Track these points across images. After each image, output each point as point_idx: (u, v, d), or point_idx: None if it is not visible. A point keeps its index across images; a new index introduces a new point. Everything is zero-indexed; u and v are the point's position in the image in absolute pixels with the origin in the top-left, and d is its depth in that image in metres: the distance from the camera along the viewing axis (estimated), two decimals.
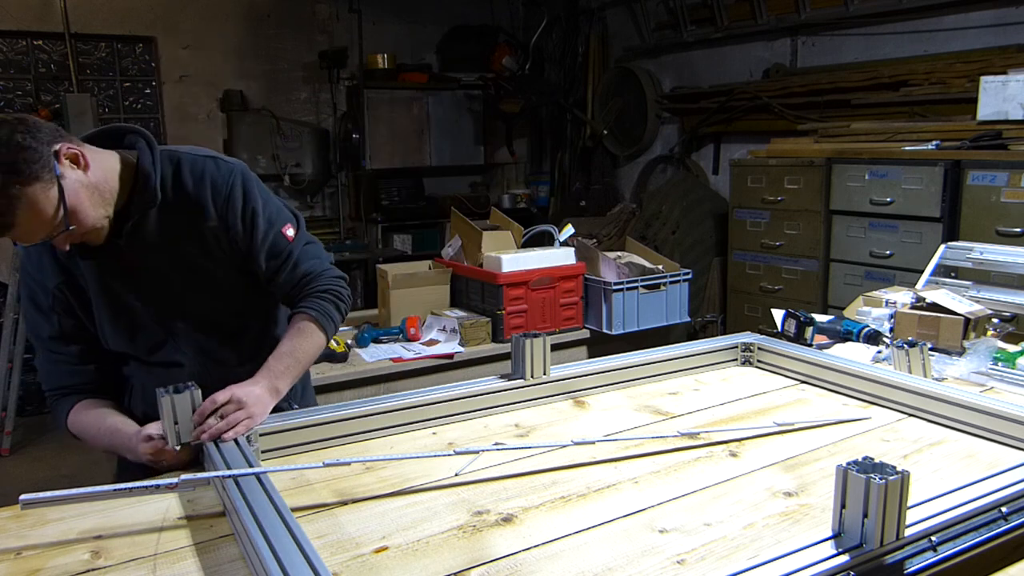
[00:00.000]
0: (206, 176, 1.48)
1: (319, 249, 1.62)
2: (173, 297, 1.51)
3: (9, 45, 5.18)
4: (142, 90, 5.65)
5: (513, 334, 1.66)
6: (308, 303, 1.54)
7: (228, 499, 1.10)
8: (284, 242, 1.55)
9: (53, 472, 3.95)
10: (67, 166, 1.31)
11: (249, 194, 1.51)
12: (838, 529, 0.94)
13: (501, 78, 6.38)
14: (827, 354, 1.80)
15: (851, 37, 4.48)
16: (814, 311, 2.46)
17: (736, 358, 1.88)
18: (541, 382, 1.61)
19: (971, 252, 2.38)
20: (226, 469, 1.17)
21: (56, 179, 1.27)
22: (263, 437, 1.35)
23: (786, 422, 1.45)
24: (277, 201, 1.58)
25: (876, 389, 1.57)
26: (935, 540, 0.97)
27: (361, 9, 5.82)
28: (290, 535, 0.95)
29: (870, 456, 0.94)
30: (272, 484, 1.11)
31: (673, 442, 1.38)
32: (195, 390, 1.31)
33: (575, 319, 3.09)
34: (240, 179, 1.50)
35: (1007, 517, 1.04)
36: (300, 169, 5.95)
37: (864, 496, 0.90)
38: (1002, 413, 1.36)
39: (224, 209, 1.49)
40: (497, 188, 6.92)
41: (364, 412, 1.43)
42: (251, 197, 1.51)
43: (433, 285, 3.07)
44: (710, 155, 5.42)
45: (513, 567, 0.99)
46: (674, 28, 5.54)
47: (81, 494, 1.09)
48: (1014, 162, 3.10)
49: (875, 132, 3.83)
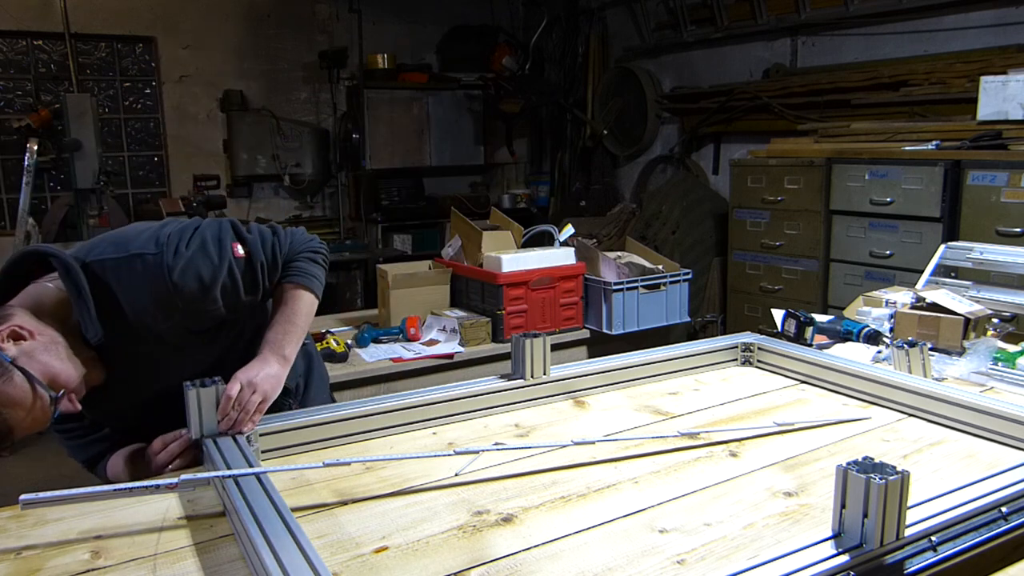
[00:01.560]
0: (136, 285, 1.34)
1: (273, 231, 1.52)
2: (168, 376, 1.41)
3: (9, 45, 5.18)
4: (142, 90, 5.66)
5: (513, 334, 1.66)
6: (285, 273, 1.50)
7: (228, 499, 1.10)
8: (243, 263, 1.44)
9: (53, 472, 3.94)
10: (11, 346, 1.22)
11: (187, 283, 1.36)
12: (838, 529, 0.93)
13: (501, 78, 6.39)
14: (827, 354, 1.80)
15: (851, 37, 4.48)
16: (814, 311, 2.46)
17: (736, 358, 1.88)
18: (541, 382, 1.61)
19: (971, 252, 2.38)
20: (226, 469, 1.17)
21: (10, 365, 1.20)
22: (263, 437, 1.35)
23: (786, 422, 1.45)
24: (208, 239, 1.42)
25: (876, 389, 1.57)
26: (935, 540, 0.97)
27: (361, 9, 5.82)
28: (290, 535, 0.95)
29: (870, 456, 0.94)
30: (272, 484, 1.11)
31: (673, 442, 1.38)
32: (220, 384, 1.33)
33: (575, 319, 3.09)
34: (171, 274, 1.34)
35: (1007, 517, 1.04)
36: (300, 169, 5.96)
37: (864, 496, 0.90)
38: (1002, 413, 1.36)
39: (172, 307, 1.36)
40: (497, 188, 6.92)
41: (364, 412, 1.43)
42: (190, 282, 1.36)
43: (433, 285, 3.06)
44: (710, 155, 5.42)
45: (513, 567, 0.99)
46: (674, 28, 5.54)
47: (81, 494, 1.09)
48: (1014, 162, 3.10)
49: (875, 132, 3.83)
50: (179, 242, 1.38)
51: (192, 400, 1.30)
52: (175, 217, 4.63)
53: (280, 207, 6.14)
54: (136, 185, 5.71)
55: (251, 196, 6.02)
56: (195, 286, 1.37)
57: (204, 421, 1.31)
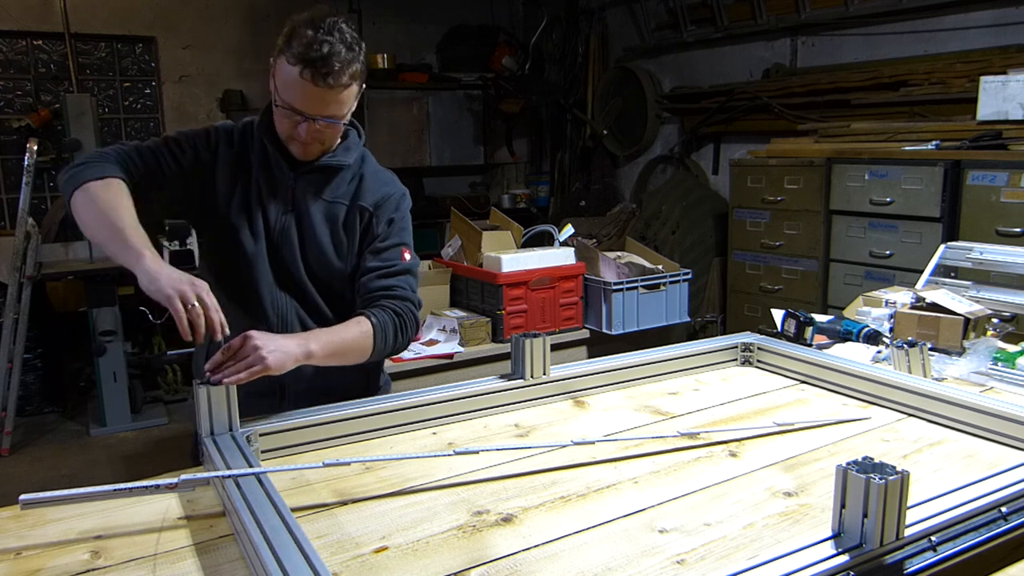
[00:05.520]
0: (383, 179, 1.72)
1: (415, 284, 1.70)
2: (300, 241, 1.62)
3: (9, 45, 5.18)
4: (142, 90, 5.66)
5: (513, 334, 1.66)
6: (376, 310, 1.57)
7: (228, 499, 1.10)
8: (397, 255, 1.66)
9: (53, 472, 3.95)
10: None
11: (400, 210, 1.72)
12: (838, 529, 0.93)
13: (501, 78, 6.38)
14: (827, 354, 1.80)
15: (851, 37, 4.48)
16: (814, 311, 2.46)
17: (736, 358, 1.88)
18: (541, 382, 1.61)
19: (971, 252, 2.38)
20: (226, 469, 1.17)
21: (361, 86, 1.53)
22: (263, 437, 1.35)
23: (786, 422, 1.45)
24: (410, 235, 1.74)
25: (876, 389, 1.57)
26: (935, 540, 0.97)
27: (361, 9, 5.82)
28: (290, 535, 0.95)
29: (870, 456, 0.94)
30: (272, 484, 1.11)
31: (673, 442, 1.38)
32: None
33: (575, 319, 3.10)
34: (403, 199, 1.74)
35: (1007, 517, 1.04)
36: None
37: (864, 496, 0.90)
38: (1002, 413, 1.36)
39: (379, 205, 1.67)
40: (497, 188, 6.92)
41: (364, 412, 1.43)
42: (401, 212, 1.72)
43: (433, 285, 3.07)
44: (710, 155, 5.41)
45: (513, 567, 0.99)
46: (674, 28, 5.54)
47: (81, 494, 1.09)
48: (1014, 162, 3.10)
49: (875, 132, 3.83)
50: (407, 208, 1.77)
51: (202, 398, 1.29)
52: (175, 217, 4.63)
53: None
54: None
55: None
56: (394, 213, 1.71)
57: (214, 419, 1.30)
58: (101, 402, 4.38)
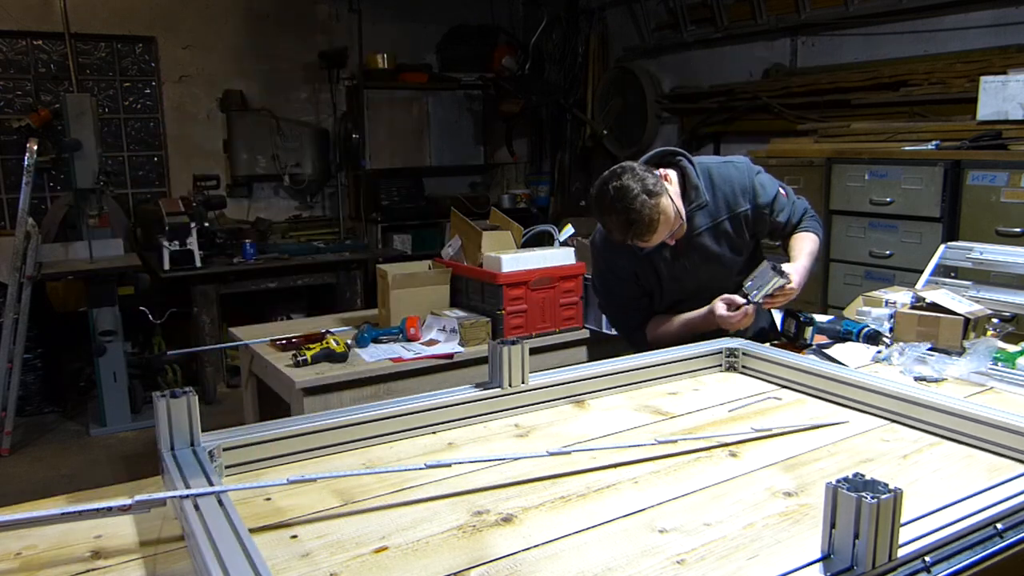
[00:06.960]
0: (731, 178, 2.16)
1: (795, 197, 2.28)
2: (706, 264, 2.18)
3: (9, 45, 5.18)
4: (142, 90, 5.66)
5: (490, 340, 1.59)
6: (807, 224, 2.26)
7: (185, 522, 1.02)
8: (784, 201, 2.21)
9: (53, 472, 3.95)
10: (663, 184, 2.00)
11: (761, 182, 2.19)
12: (828, 550, 0.90)
13: (501, 78, 6.38)
14: (810, 359, 1.78)
15: (851, 37, 4.48)
16: (814, 311, 2.46)
17: (720, 364, 1.85)
18: (520, 390, 1.55)
19: (971, 252, 2.38)
20: (184, 488, 1.07)
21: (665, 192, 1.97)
22: (261, 445, 1.31)
23: (767, 427, 1.43)
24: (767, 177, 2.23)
25: (857, 394, 1.55)
26: (929, 560, 0.94)
27: (361, 9, 5.82)
28: (248, 563, 0.87)
29: (861, 473, 0.91)
30: (232, 504, 1.03)
31: (673, 445, 1.38)
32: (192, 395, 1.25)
33: (575, 319, 3.09)
34: (753, 173, 2.19)
35: (1002, 534, 1.02)
36: (300, 169, 5.95)
37: (855, 516, 0.86)
38: (995, 422, 1.32)
39: (752, 198, 2.17)
40: (497, 188, 6.92)
41: (360, 419, 1.39)
42: (763, 183, 2.19)
43: (433, 285, 3.06)
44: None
45: (513, 567, 0.99)
46: (674, 28, 5.54)
47: (27, 519, 1.01)
48: (1014, 162, 3.10)
49: (875, 132, 3.83)
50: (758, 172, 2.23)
51: (162, 410, 1.20)
52: (175, 217, 4.63)
53: (280, 207, 6.14)
54: (136, 185, 5.71)
55: (251, 196, 6.01)
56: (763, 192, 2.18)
57: (174, 433, 1.21)
58: (101, 402, 4.38)
